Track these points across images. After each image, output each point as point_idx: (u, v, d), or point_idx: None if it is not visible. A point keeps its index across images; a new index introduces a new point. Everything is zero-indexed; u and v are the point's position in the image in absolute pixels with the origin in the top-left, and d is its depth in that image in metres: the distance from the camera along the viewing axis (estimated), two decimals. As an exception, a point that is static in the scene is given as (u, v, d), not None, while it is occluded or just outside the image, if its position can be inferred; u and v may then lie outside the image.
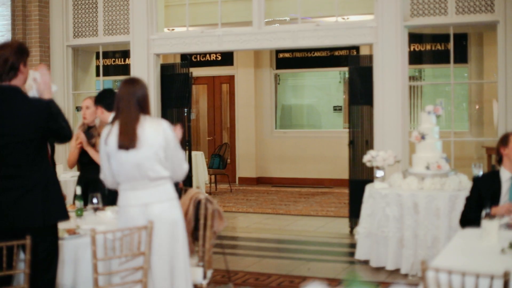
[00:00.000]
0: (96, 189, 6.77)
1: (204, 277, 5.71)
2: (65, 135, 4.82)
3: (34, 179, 4.60)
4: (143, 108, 5.05)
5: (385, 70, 9.81)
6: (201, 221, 5.86)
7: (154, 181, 5.04)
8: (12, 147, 4.57)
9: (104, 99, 6.62)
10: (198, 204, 6.00)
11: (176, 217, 5.09)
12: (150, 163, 5.00)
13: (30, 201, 4.56)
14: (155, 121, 5.08)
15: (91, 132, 6.98)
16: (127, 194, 5.09)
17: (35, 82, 4.84)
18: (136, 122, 5.00)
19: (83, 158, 6.99)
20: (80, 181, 7.03)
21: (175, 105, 11.19)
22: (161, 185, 5.08)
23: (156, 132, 5.00)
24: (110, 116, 6.28)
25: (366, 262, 8.31)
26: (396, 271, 7.87)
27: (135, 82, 5.12)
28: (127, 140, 4.96)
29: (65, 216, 4.81)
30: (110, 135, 5.05)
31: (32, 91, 4.88)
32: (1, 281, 4.56)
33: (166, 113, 11.06)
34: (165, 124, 5.09)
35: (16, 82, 4.64)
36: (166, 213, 5.05)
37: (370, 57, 10.16)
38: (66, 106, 11.43)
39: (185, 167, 5.24)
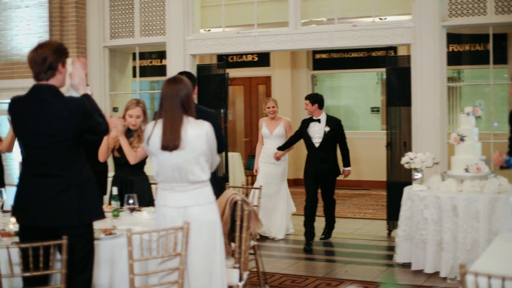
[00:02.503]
0: (132, 190, 6.80)
1: (240, 279, 5.67)
2: (102, 130, 4.80)
3: (70, 178, 4.59)
4: (186, 108, 5.01)
5: (423, 71, 9.70)
6: (237, 223, 5.84)
7: (194, 184, 5.02)
8: (47, 147, 4.57)
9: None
10: (234, 205, 5.97)
11: (213, 219, 5.06)
12: (190, 167, 4.97)
13: (65, 200, 4.56)
14: (198, 124, 5.02)
15: (131, 132, 6.97)
16: (166, 194, 5.08)
17: (70, 77, 4.84)
18: (180, 123, 4.96)
19: (119, 159, 6.99)
20: (115, 182, 7.03)
21: (212, 106, 11.17)
22: (200, 188, 5.05)
23: (199, 136, 4.96)
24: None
25: (404, 265, 8.23)
26: (435, 275, 7.78)
27: (178, 82, 5.06)
28: (171, 141, 4.94)
29: (100, 216, 4.79)
30: (152, 136, 5.03)
31: (70, 90, 4.88)
32: (38, 281, 4.57)
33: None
34: (207, 127, 5.03)
35: (53, 81, 4.64)
36: (204, 215, 5.03)
37: (408, 58, 10.04)
38: (103, 107, 11.45)
39: (218, 160, 5.27)
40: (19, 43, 11.46)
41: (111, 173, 7.66)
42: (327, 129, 9.56)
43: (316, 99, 9.70)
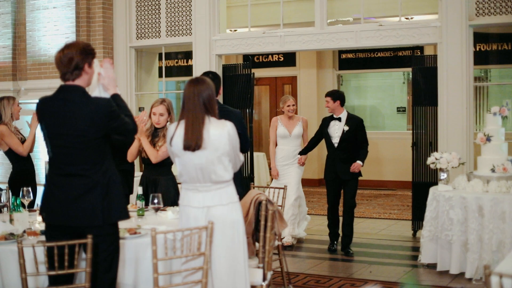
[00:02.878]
0: (157, 189, 6.84)
1: (264, 278, 5.68)
2: (129, 130, 4.84)
3: (95, 178, 4.63)
4: (209, 109, 5.03)
5: (449, 70, 9.64)
6: (262, 222, 5.84)
7: (217, 184, 5.05)
8: (73, 147, 4.61)
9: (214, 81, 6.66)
10: (259, 205, 5.98)
11: (236, 219, 5.08)
12: (213, 167, 5.00)
13: (90, 200, 4.60)
14: (220, 124, 5.04)
15: (157, 132, 7.03)
16: (189, 194, 5.11)
17: (99, 77, 4.88)
18: (202, 123, 4.99)
19: (147, 159, 7.04)
20: (141, 181, 7.08)
21: (237, 106, 11.20)
22: (223, 188, 5.07)
23: (221, 136, 4.98)
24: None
25: (429, 266, 8.20)
26: (461, 275, 7.74)
27: (200, 82, 5.09)
28: (193, 141, 4.97)
29: (125, 216, 4.81)
30: (174, 136, 5.06)
31: (97, 89, 4.91)
32: (63, 280, 4.62)
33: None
34: (230, 127, 5.05)
35: (79, 82, 4.68)
36: (227, 214, 5.06)
37: (434, 57, 9.98)
38: (129, 107, 11.52)
39: (241, 158, 5.26)
40: (46, 43, 11.56)
41: (139, 173, 7.72)
42: (346, 128, 9.16)
43: (337, 96, 9.31)
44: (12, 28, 12.00)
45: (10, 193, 6.55)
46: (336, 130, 9.24)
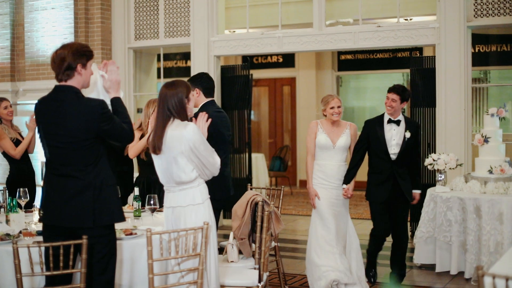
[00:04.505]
0: (156, 190, 6.84)
1: (260, 279, 5.67)
2: (123, 137, 4.79)
3: (86, 179, 4.60)
4: (174, 112, 5.11)
5: (448, 71, 9.64)
6: (258, 223, 5.84)
7: (180, 185, 5.14)
8: (66, 147, 4.60)
9: (203, 82, 6.70)
10: (255, 206, 5.98)
11: (196, 222, 5.07)
12: (171, 168, 5.11)
13: (81, 202, 4.57)
14: (180, 125, 5.10)
15: None
16: (165, 195, 5.28)
17: (102, 79, 4.86)
18: (164, 127, 5.10)
19: (145, 161, 7.04)
20: (138, 182, 7.08)
21: (236, 107, 11.21)
22: (186, 190, 5.15)
23: (176, 137, 5.05)
24: (203, 101, 6.58)
25: (422, 267, 8.21)
26: (459, 276, 7.75)
27: (170, 86, 5.20)
28: (153, 145, 5.13)
29: (118, 219, 4.75)
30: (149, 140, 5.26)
31: (95, 91, 4.88)
32: (60, 280, 4.61)
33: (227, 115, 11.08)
34: (188, 129, 5.06)
35: (72, 82, 4.65)
36: (186, 216, 5.13)
37: (432, 59, 9.99)
38: (127, 108, 11.52)
39: (216, 162, 5.25)
40: (45, 44, 11.56)
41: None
42: (408, 134, 7.30)
43: (406, 95, 7.53)
44: (10, 29, 12.01)
45: (7, 194, 6.54)
46: (394, 137, 7.32)
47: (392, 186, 7.22)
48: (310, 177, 7.28)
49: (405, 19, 11.80)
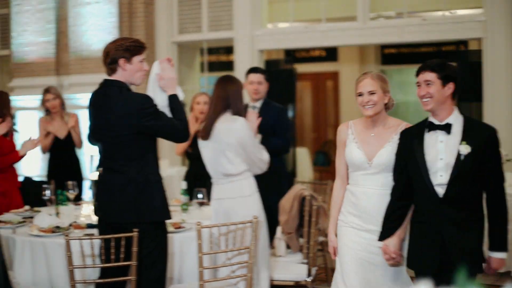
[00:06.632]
0: (205, 184, 6.83)
1: (309, 274, 5.63)
2: (173, 134, 4.69)
3: (129, 174, 4.54)
4: (229, 105, 5.25)
5: (495, 65, 9.48)
6: (306, 218, 5.79)
7: (228, 177, 5.24)
8: (109, 141, 4.60)
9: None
10: (302, 200, 5.94)
11: (246, 214, 5.08)
12: (221, 160, 5.22)
13: (123, 196, 4.54)
14: (231, 119, 5.22)
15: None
16: (213, 187, 5.40)
17: (157, 77, 4.84)
18: (216, 118, 5.26)
19: (192, 154, 7.04)
20: (187, 176, 7.09)
21: (279, 101, 11.14)
22: (234, 182, 5.26)
23: (227, 131, 5.14)
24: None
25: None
26: (506, 274, 7.62)
27: (224, 81, 5.39)
28: (204, 130, 5.28)
29: (162, 216, 4.66)
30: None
31: (151, 88, 4.85)
32: (114, 273, 4.57)
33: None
34: (238, 124, 5.10)
35: (117, 76, 4.63)
36: (238, 208, 5.22)
37: (479, 52, 9.83)
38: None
39: (264, 158, 5.32)
40: (89, 39, 11.61)
41: (181, 168, 7.73)
42: (465, 149, 4.12)
43: (450, 72, 4.34)
44: (55, 23, 12.08)
45: (55, 187, 6.57)
46: (442, 154, 4.20)
47: (440, 248, 4.10)
48: (335, 210, 4.56)
49: (450, 12, 11.64)
